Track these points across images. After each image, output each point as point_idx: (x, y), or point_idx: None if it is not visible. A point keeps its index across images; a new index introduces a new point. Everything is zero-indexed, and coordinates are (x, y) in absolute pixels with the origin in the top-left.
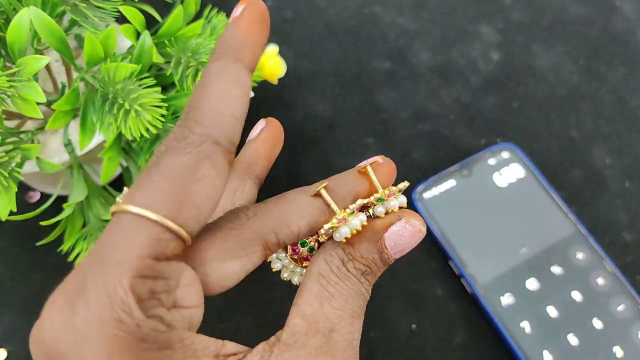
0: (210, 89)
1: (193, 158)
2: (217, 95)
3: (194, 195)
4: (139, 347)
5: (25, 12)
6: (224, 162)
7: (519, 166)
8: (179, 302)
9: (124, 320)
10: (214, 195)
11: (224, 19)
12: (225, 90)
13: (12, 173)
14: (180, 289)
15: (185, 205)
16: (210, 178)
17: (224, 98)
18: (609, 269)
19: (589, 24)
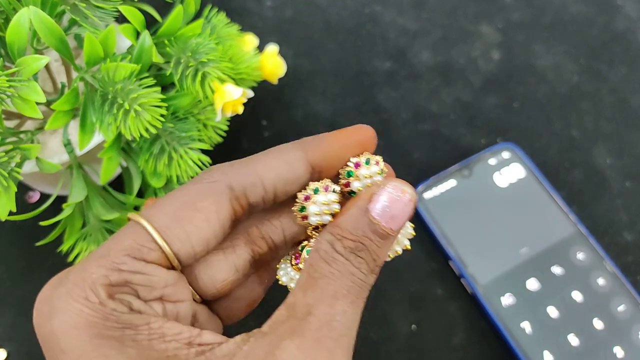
0: (265, 154)
1: (202, 190)
2: (263, 159)
3: (186, 220)
4: (101, 323)
5: (25, 11)
6: (227, 204)
7: (519, 166)
8: (167, 297)
9: (90, 298)
10: (205, 227)
11: (223, 18)
12: (273, 159)
13: (11, 173)
14: (167, 287)
15: (175, 226)
16: (207, 212)
17: (266, 165)
18: (610, 269)
19: (590, 24)
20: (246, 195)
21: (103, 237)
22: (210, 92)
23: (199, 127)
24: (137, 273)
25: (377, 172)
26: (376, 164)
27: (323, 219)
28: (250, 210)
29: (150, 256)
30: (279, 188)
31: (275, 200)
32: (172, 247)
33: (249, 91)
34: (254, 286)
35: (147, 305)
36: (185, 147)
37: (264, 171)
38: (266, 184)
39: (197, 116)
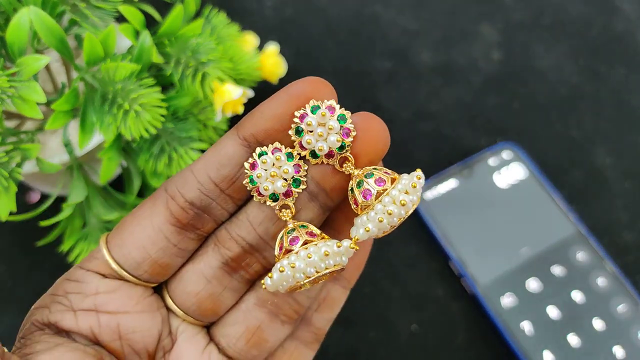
0: (204, 154)
1: (145, 200)
2: (201, 158)
3: (124, 228)
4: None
5: (25, 12)
6: (161, 207)
7: (519, 166)
8: (100, 307)
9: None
10: (138, 232)
11: (224, 18)
12: (206, 153)
13: (12, 173)
14: (99, 295)
15: (116, 235)
16: (141, 217)
17: (199, 157)
18: (610, 269)
19: (590, 24)
20: (180, 193)
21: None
22: (210, 92)
23: (199, 127)
24: (72, 281)
25: (329, 116)
26: (328, 110)
27: (276, 185)
28: (201, 209)
29: (92, 264)
30: (211, 174)
31: (222, 191)
32: (113, 254)
33: (249, 91)
34: (249, 307)
35: (85, 320)
36: (186, 147)
37: (194, 163)
38: (196, 173)
39: (197, 116)
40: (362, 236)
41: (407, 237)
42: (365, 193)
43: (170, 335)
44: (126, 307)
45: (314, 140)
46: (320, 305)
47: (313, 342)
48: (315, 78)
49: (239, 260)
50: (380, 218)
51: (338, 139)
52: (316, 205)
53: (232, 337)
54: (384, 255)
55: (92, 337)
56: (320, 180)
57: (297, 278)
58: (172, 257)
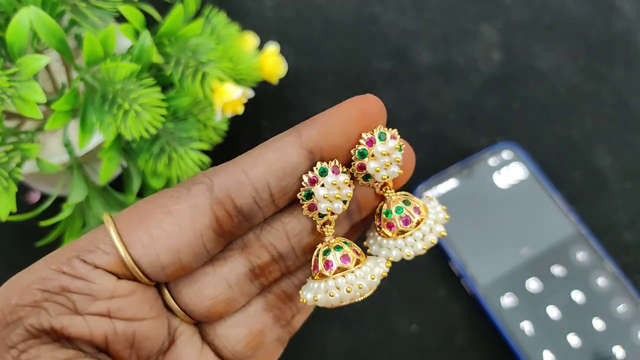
0: (255, 148)
1: (179, 193)
2: (251, 153)
3: (154, 222)
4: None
5: (25, 12)
6: (206, 208)
7: (519, 166)
8: (115, 313)
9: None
10: (175, 233)
11: (223, 18)
12: (262, 151)
13: (12, 173)
14: (114, 300)
15: (140, 228)
16: (180, 216)
17: (253, 158)
18: (610, 269)
19: (590, 24)
20: (231, 198)
21: None
22: (210, 92)
23: (199, 127)
24: (77, 278)
25: (395, 147)
26: (393, 139)
27: (334, 206)
28: (244, 218)
29: (101, 260)
30: (272, 183)
31: (273, 201)
32: (132, 252)
33: (249, 91)
34: (257, 312)
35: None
36: (186, 147)
37: (251, 165)
38: (255, 180)
39: (197, 116)
40: (396, 257)
41: None
42: (406, 219)
43: (168, 336)
44: (143, 313)
45: (381, 169)
46: (300, 310)
47: (286, 341)
48: (376, 98)
49: (265, 268)
50: (421, 245)
51: (399, 172)
52: (348, 223)
53: (232, 339)
54: None
55: (103, 346)
56: (362, 202)
57: (344, 300)
58: (198, 262)
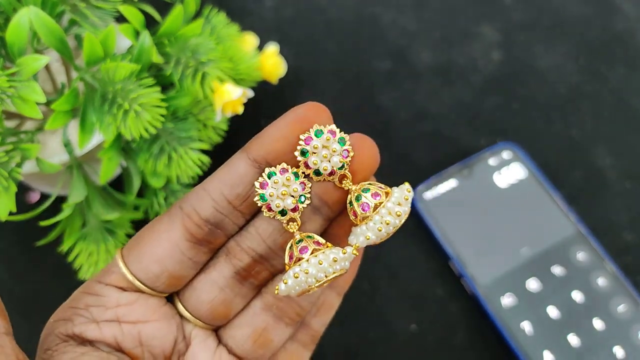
0: (217, 170)
1: (162, 216)
2: (212, 174)
3: (143, 242)
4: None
5: (25, 12)
6: (178, 223)
7: (519, 166)
8: (122, 318)
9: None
10: (156, 247)
11: (223, 18)
12: (218, 170)
13: (11, 173)
14: (120, 307)
15: (135, 249)
16: (159, 232)
17: (211, 176)
18: (610, 269)
19: (590, 24)
20: (196, 210)
21: (103, 237)
22: (210, 92)
23: (199, 127)
24: (94, 295)
25: (334, 139)
26: (330, 132)
27: (286, 202)
28: (214, 226)
29: (109, 278)
30: (225, 192)
31: (235, 208)
32: (131, 268)
33: (249, 91)
34: (256, 312)
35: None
36: (185, 147)
37: (208, 182)
38: (211, 192)
39: (197, 116)
40: (362, 243)
41: (407, 237)
42: (364, 206)
43: (185, 340)
44: (146, 317)
45: (319, 161)
46: (318, 310)
47: (310, 344)
48: (316, 103)
49: (249, 270)
50: (379, 227)
51: (340, 160)
52: (319, 218)
53: (240, 338)
54: (383, 255)
55: (115, 345)
56: (323, 196)
57: (309, 283)
58: (186, 270)
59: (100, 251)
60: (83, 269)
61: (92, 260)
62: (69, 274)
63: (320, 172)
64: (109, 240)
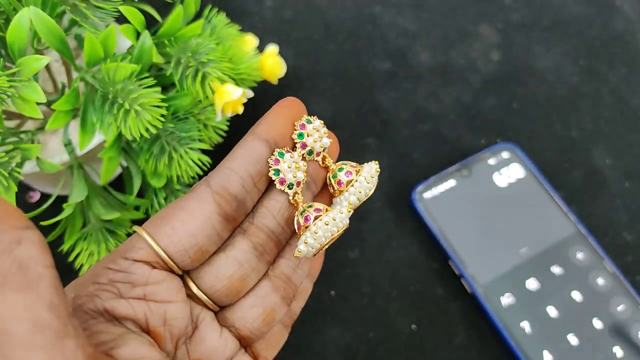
0: (232, 152)
1: (186, 195)
2: (229, 154)
3: (172, 218)
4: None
5: (25, 12)
6: (209, 198)
7: (519, 166)
8: (149, 296)
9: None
10: (190, 221)
11: (223, 18)
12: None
13: (12, 173)
14: (149, 286)
15: (162, 225)
16: (191, 208)
17: (232, 156)
18: (609, 269)
19: (589, 24)
20: (225, 187)
21: (103, 237)
22: (210, 92)
23: (199, 127)
24: (120, 271)
25: (321, 124)
26: (316, 120)
27: (298, 175)
28: (239, 203)
29: (138, 254)
30: (250, 169)
31: (255, 184)
32: (160, 244)
33: (249, 91)
34: (267, 292)
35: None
36: (186, 147)
37: (231, 162)
38: (238, 170)
39: (198, 116)
40: (344, 207)
41: (407, 237)
42: (339, 182)
43: (192, 322)
44: (171, 297)
45: (314, 142)
46: (299, 294)
47: (289, 325)
48: (296, 99)
49: (265, 245)
50: (352, 200)
51: (330, 140)
52: (309, 192)
53: (250, 318)
54: (383, 254)
55: (144, 323)
56: (313, 173)
57: (321, 241)
58: (212, 245)
59: (100, 251)
60: (84, 268)
61: (92, 260)
62: (70, 274)
63: (312, 152)
64: (109, 240)
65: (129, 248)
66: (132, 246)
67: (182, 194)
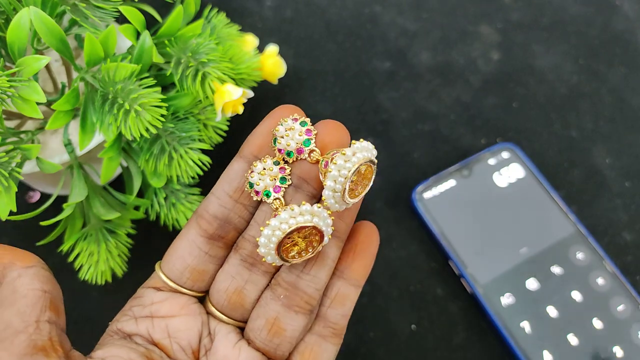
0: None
1: (184, 226)
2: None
3: (171, 248)
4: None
5: (25, 12)
6: (193, 224)
7: (519, 166)
8: (154, 313)
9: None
10: (178, 247)
11: (224, 18)
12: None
13: (12, 173)
14: (154, 305)
15: (167, 255)
16: (180, 236)
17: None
18: (609, 269)
19: (589, 24)
20: (205, 209)
21: (103, 237)
22: (210, 92)
23: (199, 127)
24: (135, 298)
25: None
26: (294, 120)
27: (266, 182)
28: (223, 220)
29: (150, 283)
30: (226, 188)
31: (236, 200)
32: (164, 270)
33: (249, 91)
34: (267, 302)
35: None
36: (186, 147)
37: (213, 187)
38: (215, 192)
39: (198, 116)
40: (327, 196)
41: (407, 237)
42: (326, 164)
43: (209, 335)
44: (173, 312)
45: (286, 142)
46: (332, 301)
47: (332, 336)
48: (288, 105)
49: (254, 256)
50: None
51: (300, 134)
52: (302, 194)
53: (257, 329)
54: (383, 254)
55: (148, 337)
56: (300, 173)
57: (276, 235)
58: (205, 264)
59: (100, 251)
60: (83, 268)
61: (92, 260)
62: (70, 274)
63: (292, 153)
64: (109, 240)
65: (148, 279)
66: (151, 277)
67: (182, 194)
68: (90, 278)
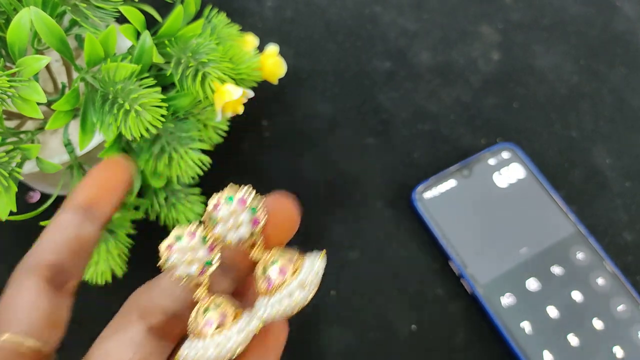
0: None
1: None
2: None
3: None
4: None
5: (26, 12)
6: (37, 281)
7: (519, 166)
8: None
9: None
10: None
11: (224, 18)
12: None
13: (12, 173)
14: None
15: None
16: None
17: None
18: (609, 269)
19: (590, 24)
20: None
21: (103, 237)
22: (210, 92)
23: (200, 127)
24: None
25: (244, 210)
26: (240, 203)
27: (191, 269)
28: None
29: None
30: (57, 240)
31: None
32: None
33: (249, 91)
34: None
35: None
36: (186, 147)
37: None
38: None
39: (198, 116)
40: (267, 317)
41: (407, 237)
42: (269, 281)
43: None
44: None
45: (225, 233)
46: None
47: None
48: (118, 159)
49: (175, 332)
50: (269, 313)
51: (253, 230)
52: (227, 279)
53: None
54: (383, 254)
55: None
56: (231, 263)
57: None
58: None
59: (100, 251)
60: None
61: (92, 260)
62: None
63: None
64: (109, 240)
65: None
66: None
67: (182, 194)
68: (90, 278)
